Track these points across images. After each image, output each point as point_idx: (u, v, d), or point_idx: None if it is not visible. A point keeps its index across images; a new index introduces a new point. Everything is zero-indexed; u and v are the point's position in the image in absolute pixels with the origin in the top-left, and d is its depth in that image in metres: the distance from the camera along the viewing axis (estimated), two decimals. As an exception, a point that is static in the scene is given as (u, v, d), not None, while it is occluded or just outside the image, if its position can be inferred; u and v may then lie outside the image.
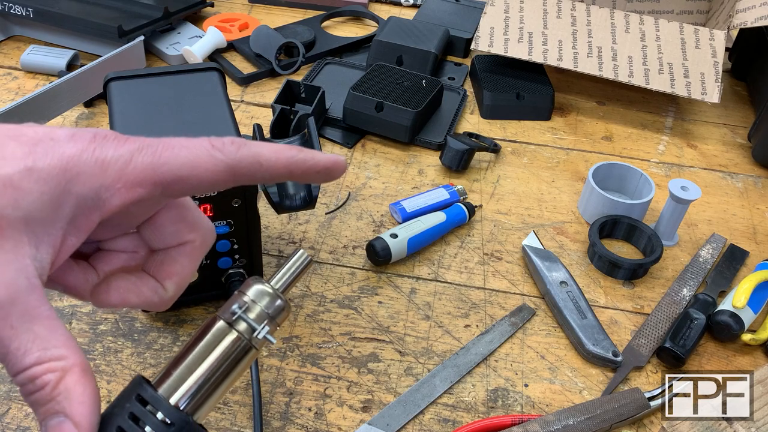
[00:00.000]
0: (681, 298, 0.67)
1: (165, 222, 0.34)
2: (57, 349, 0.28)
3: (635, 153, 0.88)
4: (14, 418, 0.53)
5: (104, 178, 0.29)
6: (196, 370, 0.35)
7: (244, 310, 0.36)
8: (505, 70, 0.94)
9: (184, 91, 0.61)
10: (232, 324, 0.36)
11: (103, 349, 0.58)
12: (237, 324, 0.36)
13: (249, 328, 0.36)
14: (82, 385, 0.29)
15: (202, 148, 0.31)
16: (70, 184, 0.29)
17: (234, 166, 0.32)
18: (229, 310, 0.36)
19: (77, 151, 0.29)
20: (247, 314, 0.36)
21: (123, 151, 0.30)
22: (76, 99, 0.83)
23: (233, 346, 0.36)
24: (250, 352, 0.36)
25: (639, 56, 0.88)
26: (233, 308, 0.36)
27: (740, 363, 0.62)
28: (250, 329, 0.36)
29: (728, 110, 0.97)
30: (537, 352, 0.62)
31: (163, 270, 0.35)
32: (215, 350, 0.35)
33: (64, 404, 0.28)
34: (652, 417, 0.57)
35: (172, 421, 0.33)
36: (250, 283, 0.37)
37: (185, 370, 0.35)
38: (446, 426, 0.55)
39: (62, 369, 0.28)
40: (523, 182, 0.81)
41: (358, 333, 0.62)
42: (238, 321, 0.36)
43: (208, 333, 0.36)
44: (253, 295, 0.37)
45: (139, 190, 0.30)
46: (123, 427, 0.33)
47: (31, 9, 0.92)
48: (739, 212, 0.79)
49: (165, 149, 0.31)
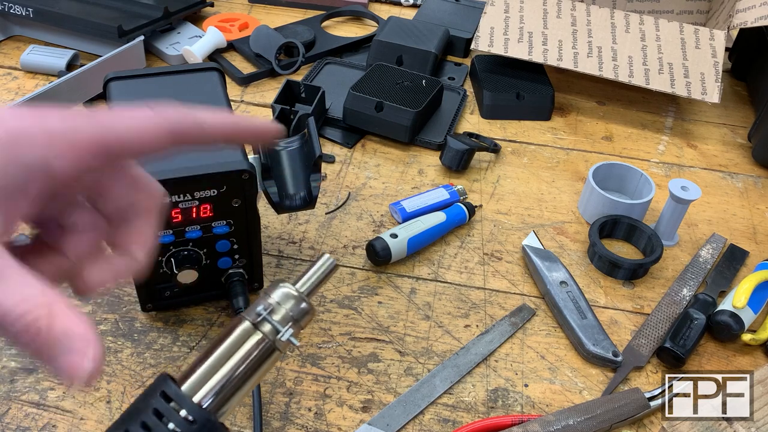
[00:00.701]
0: (681, 298, 0.67)
1: (116, 189, 0.35)
2: (36, 296, 0.28)
3: (635, 153, 0.88)
4: (14, 418, 0.53)
5: (51, 147, 0.30)
6: (220, 370, 0.36)
7: (269, 312, 0.37)
8: (505, 70, 0.94)
9: (184, 91, 0.61)
10: (257, 325, 0.36)
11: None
12: (262, 325, 0.36)
13: (273, 329, 0.37)
14: (73, 316, 0.29)
15: (145, 113, 0.33)
16: (18, 154, 0.30)
17: (174, 129, 0.34)
18: (255, 311, 0.37)
19: (24, 125, 0.30)
20: (272, 316, 0.37)
21: (69, 122, 0.31)
22: (76, 99, 0.83)
23: (257, 346, 0.36)
24: (273, 353, 0.37)
25: (639, 56, 0.88)
26: (258, 309, 0.37)
27: (740, 363, 0.62)
28: (274, 331, 0.37)
29: (728, 110, 0.97)
30: (537, 352, 0.62)
31: (128, 239, 0.36)
32: (239, 350, 0.36)
33: (63, 340, 0.28)
34: (652, 417, 0.57)
35: (194, 419, 0.33)
36: (276, 285, 0.38)
37: (209, 368, 0.36)
38: (446, 426, 0.55)
39: (48, 310, 0.28)
40: (523, 182, 0.81)
41: (358, 333, 0.62)
42: (262, 322, 0.36)
43: (233, 333, 0.36)
44: (278, 297, 0.37)
45: (85, 155, 0.31)
46: (147, 422, 0.33)
47: (31, 9, 0.92)
48: (739, 212, 0.79)
49: (109, 117, 0.33)
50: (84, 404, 0.54)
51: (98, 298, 0.62)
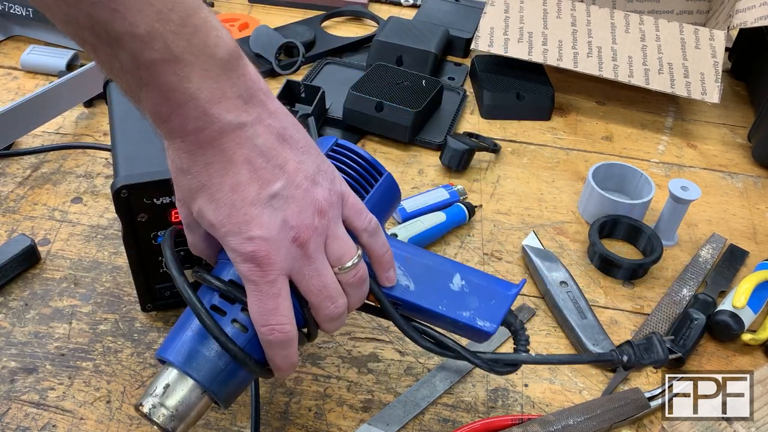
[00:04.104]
0: (681, 298, 0.67)
1: None
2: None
3: (635, 153, 0.88)
4: (14, 418, 0.53)
5: None
6: None
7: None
8: (505, 70, 0.94)
9: (184, 91, 0.61)
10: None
11: (103, 349, 0.58)
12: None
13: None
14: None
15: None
16: None
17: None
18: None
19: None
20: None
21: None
22: (76, 99, 0.83)
23: None
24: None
25: (639, 56, 0.88)
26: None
27: (740, 363, 0.62)
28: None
29: (728, 110, 0.97)
30: (537, 352, 0.62)
31: None
32: None
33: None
34: (652, 417, 0.57)
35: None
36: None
37: None
38: (446, 426, 0.55)
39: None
40: (523, 182, 0.81)
41: (358, 333, 0.62)
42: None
43: None
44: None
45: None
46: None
47: (31, 9, 0.92)
48: (739, 212, 0.79)
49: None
50: (84, 404, 0.54)
51: (98, 298, 0.62)
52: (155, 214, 0.53)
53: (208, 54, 0.37)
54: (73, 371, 0.57)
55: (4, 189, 0.73)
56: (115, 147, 0.55)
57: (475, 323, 0.46)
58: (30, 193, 0.73)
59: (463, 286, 0.47)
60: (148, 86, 0.36)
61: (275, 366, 0.43)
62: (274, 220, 0.39)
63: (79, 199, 0.73)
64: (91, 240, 0.68)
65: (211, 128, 0.38)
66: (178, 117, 0.37)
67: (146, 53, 0.35)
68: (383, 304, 0.46)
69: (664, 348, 0.48)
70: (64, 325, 0.60)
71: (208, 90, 0.37)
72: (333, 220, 0.42)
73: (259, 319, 0.40)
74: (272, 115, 0.40)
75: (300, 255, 0.40)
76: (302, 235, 0.40)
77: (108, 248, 0.67)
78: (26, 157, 0.77)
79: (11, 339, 0.58)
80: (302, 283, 0.41)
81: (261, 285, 0.39)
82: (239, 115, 0.38)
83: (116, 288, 0.63)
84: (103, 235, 0.69)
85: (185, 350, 0.41)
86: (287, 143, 0.40)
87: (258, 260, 0.39)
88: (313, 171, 0.41)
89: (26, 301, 0.62)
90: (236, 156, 0.38)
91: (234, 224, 0.39)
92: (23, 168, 0.76)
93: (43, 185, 0.74)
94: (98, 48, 0.36)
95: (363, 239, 0.44)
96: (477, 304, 0.46)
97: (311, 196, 0.41)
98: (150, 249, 0.55)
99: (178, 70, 0.36)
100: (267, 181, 0.39)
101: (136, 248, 0.55)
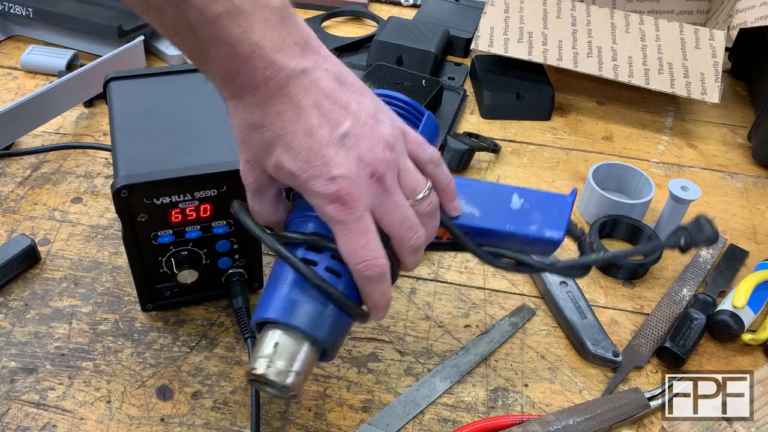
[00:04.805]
0: (681, 298, 0.67)
1: None
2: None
3: (635, 153, 0.88)
4: (14, 418, 0.53)
5: None
6: None
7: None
8: (505, 70, 0.94)
9: (184, 91, 0.61)
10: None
11: (103, 349, 0.58)
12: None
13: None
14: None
15: None
16: None
17: None
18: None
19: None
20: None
21: None
22: (76, 99, 0.83)
23: None
24: None
25: (639, 56, 0.88)
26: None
27: (740, 363, 0.62)
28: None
29: (728, 110, 0.97)
30: (537, 352, 0.62)
31: None
32: None
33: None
34: (652, 417, 0.57)
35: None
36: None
37: None
38: (446, 426, 0.55)
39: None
40: (523, 182, 0.81)
41: (358, 333, 0.62)
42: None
43: None
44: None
45: None
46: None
47: (31, 9, 0.92)
48: (739, 212, 0.79)
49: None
50: (84, 404, 0.54)
51: (98, 298, 0.62)
52: (155, 214, 0.53)
53: (265, 4, 0.38)
54: (73, 371, 0.57)
55: (4, 189, 0.73)
56: (115, 147, 0.55)
57: (544, 234, 0.47)
58: (30, 193, 0.73)
59: (523, 204, 0.48)
60: (216, 42, 0.38)
61: (373, 304, 0.43)
62: (350, 158, 0.40)
63: (79, 199, 0.73)
64: (91, 240, 0.68)
65: (278, 76, 0.39)
66: (246, 70, 0.38)
67: (211, 7, 0.37)
68: (455, 233, 0.47)
69: (714, 226, 0.49)
70: (64, 325, 0.60)
71: (270, 39, 0.38)
72: (401, 153, 0.43)
73: (353, 257, 0.41)
74: (327, 60, 0.42)
75: (379, 190, 0.41)
76: (378, 170, 0.41)
77: (108, 248, 0.67)
78: (26, 157, 0.77)
79: (11, 339, 0.58)
80: (384, 217, 0.42)
81: (350, 223, 0.40)
82: (300, 62, 0.40)
83: (116, 288, 0.64)
84: (103, 235, 0.69)
85: (286, 306, 0.42)
86: (345, 85, 0.42)
87: (343, 198, 0.40)
88: (374, 110, 0.42)
89: (26, 301, 0.62)
90: (304, 101, 0.40)
91: (315, 167, 0.40)
92: (23, 168, 0.76)
93: (43, 185, 0.74)
94: (165, 10, 0.37)
95: (429, 170, 0.45)
96: (540, 217, 0.48)
97: (378, 133, 0.42)
98: (150, 249, 0.55)
99: (241, 21, 0.37)
100: (336, 122, 0.40)
101: (136, 248, 0.55)
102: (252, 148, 0.42)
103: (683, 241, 0.48)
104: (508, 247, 0.48)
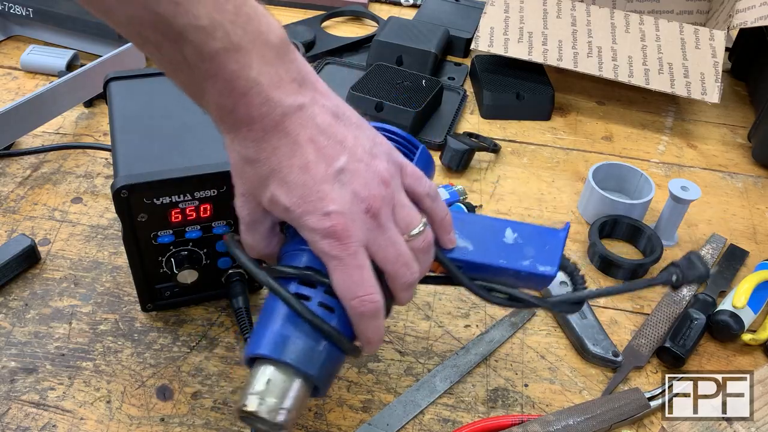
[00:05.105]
0: (681, 298, 0.67)
1: None
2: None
3: (635, 153, 0.88)
4: (14, 418, 0.53)
5: None
6: None
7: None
8: (505, 70, 0.94)
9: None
10: None
11: (103, 349, 0.58)
12: None
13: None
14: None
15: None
16: None
17: None
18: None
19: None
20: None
21: None
22: (76, 99, 0.83)
23: None
24: None
25: (639, 56, 0.88)
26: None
27: (740, 363, 0.62)
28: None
29: (728, 110, 0.97)
30: (537, 352, 0.62)
31: None
32: None
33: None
34: (652, 417, 0.57)
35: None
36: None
37: None
38: (446, 426, 0.55)
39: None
40: (523, 182, 0.81)
41: (358, 333, 0.62)
42: None
43: None
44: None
45: None
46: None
47: (31, 9, 0.92)
48: (739, 212, 0.79)
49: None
50: (84, 404, 0.54)
51: (98, 298, 0.62)
52: (155, 214, 0.53)
53: (263, 40, 0.38)
54: (73, 371, 0.57)
55: (4, 189, 0.73)
56: (115, 147, 0.55)
57: (537, 269, 0.47)
58: (30, 193, 0.73)
59: (516, 238, 0.49)
60: (213, 78, 0.38)
61: (366, 339, 0.43)
62: (345, 194, 0.40)
63: (79, 199, 0.73)
64: (91, 240, 0.68)
65: (274, 113, 0.39)
66: (243, 105, 0.39)
67: (210, 43, 0.37)
68: (448, 267, 0.47)
69: (704, 263, 0.49)
70: (64, 325, 0.60)
71: (268, 75, 0.39)
72: (396, 189, 0.43)
73: (347, 293, 0.41)
74: (324, 96, 0.42)
75: (374, 225, 0.41)
76: (373, 205, 0.41)
77: (108, 248, 0.67)
78: (26, 157, 0.77)
79: (11, 339, 0.58)
80: (379, 253, 0.42)
81: (344, 258, 0.40)
82: (297, 98, 0.40)
83: (116, 288, 0.64)
84: (103, 235, 0.69)
85: (278, 341, 0.41)
86: (341, 120, 0.42)
87: (337, 234, 0.40)
88: (370, 144, 0.43)
89: (26, 301, 0.62)
90: (301, 137, 0.40)
91: (309, 203, 0.40)
92: (23, 168, 0.76)
93: (43, 185, 0.74)
94: (162, 45, 0.38)
95: (426, 204, 0.45)
96: (533, 252, 0.48)
97: (373, 168, 0.42)
98: (150, 249, 0.55)
99: (239, 58, 0.38)
100: (332, 158, 0.40)
101: (136, 248, 0.55)
102: (247, 181, 0.42)
103: (675, 279, 0.49)
104: (500, 281, 0.48)
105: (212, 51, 0.37)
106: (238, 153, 0.41)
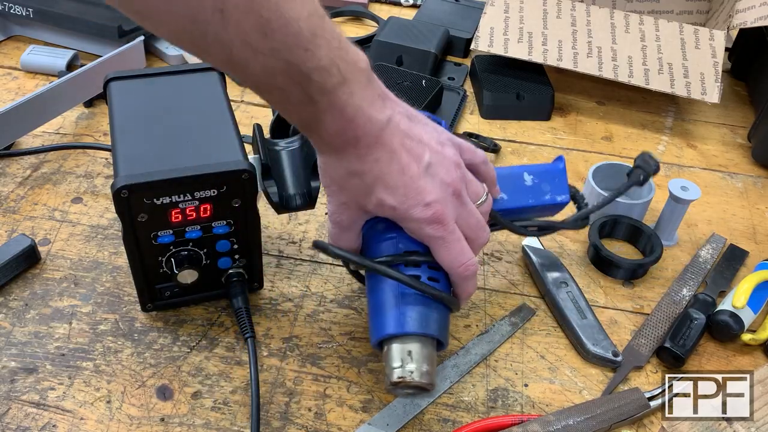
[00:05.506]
0: (681, 298, 0.67)
1: None
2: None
3: (635, 153, 0.87)
4: (14, 418, 0.53)
5: None
6: None
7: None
8: (505, 70, 0.94)
9: (184, 91, 0.62)
10: None
11: (103, 349, 0.58)
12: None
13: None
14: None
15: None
16: None
17: None
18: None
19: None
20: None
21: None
22: (76, 99, 0.83)
23: None
24: None
25: (639, 56, 0.88)
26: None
27: (740, 363, 0.62)
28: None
29: (728, 110, 0.97)
30: (537, 352, 0.62)
31: None
32: None
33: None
34: (652, 417, 0.57)
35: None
36: None
37: None
38: (446, 426, 0.55)
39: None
40: (523, 182, 0.81)
41: (358, 333, 0.62)
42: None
43: None
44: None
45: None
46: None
47: (31, 9, 0.92)
48: (739, 212, 0.79)
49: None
50: (84, 404, 0.54)
51: (98, 298, 0.62)
52: (155, 214, 0.53)
53: (358, 69, 0.44)
54: (73, 371, 0.57)
55: (4, 189, 0.73)
56: (115, 147, 0.55)
57: (556, 200, 0.60)
58: (30, 193, 0.73)
59: (533, 179, 0.60)
60: (330, 110, 0.44)
61: (467, 295, 0.52)
62: (436, 184, 0.48)
63: (79, 199, 0.73)
64: (91, 240, 0.68)
65: (374, 129, 0.45)
66: (351, 129, 0.45)
67: (329, 80, 0.42)
68: (497, 217, 0.56)
69: (655, 159, 0.65)
70: (64, 325, 0.60)
71: (365, 99, 0.45)
72: (463, 168, 0.51)
73: (454, 263, 0.49)
74: (397, 103, 0.49)
75: (459, 203, 0.49)
76: (457, 188, 0.49)
77: (108, 248, 0.67)
78: (26, 157, 0.77)
79: (11, 339, 0.58)
80: (464, 223, 0.50)
81: (446, 237, 0.48)
82: (384, 112, 0.46)
83: (116, 288, 0.64)
84: (103, 235, 0.69)
85: (399, 319, 0.49)
86: (414, 121, 0.49)
87: (439, 219, 0.48)
88: (437, 135, 0.50)
89: (26, 301, 0.62)
90: (394, 145, 0.47)
91: (411, 198, 0.47)
92: (23, 168, 0.76)
93: (43, 185, 0.74)
94: (288, 89, 0.42)
95: (482, 170, 0.54)
96: (549, 187, 0.60)
97: (447, 155, 0.50)
98: (150, 249, 0.55)
99: (346, 89, 0.43)
100: (419, 156, 0.48)
101: (136, 248, 0.55)
102: (351, 192, 0.49)
103: (642, 177, 0.64)
104: (528, 217, 0.60)
105: (330, 87, 0.42)
106: (345, 169, 0.47)
